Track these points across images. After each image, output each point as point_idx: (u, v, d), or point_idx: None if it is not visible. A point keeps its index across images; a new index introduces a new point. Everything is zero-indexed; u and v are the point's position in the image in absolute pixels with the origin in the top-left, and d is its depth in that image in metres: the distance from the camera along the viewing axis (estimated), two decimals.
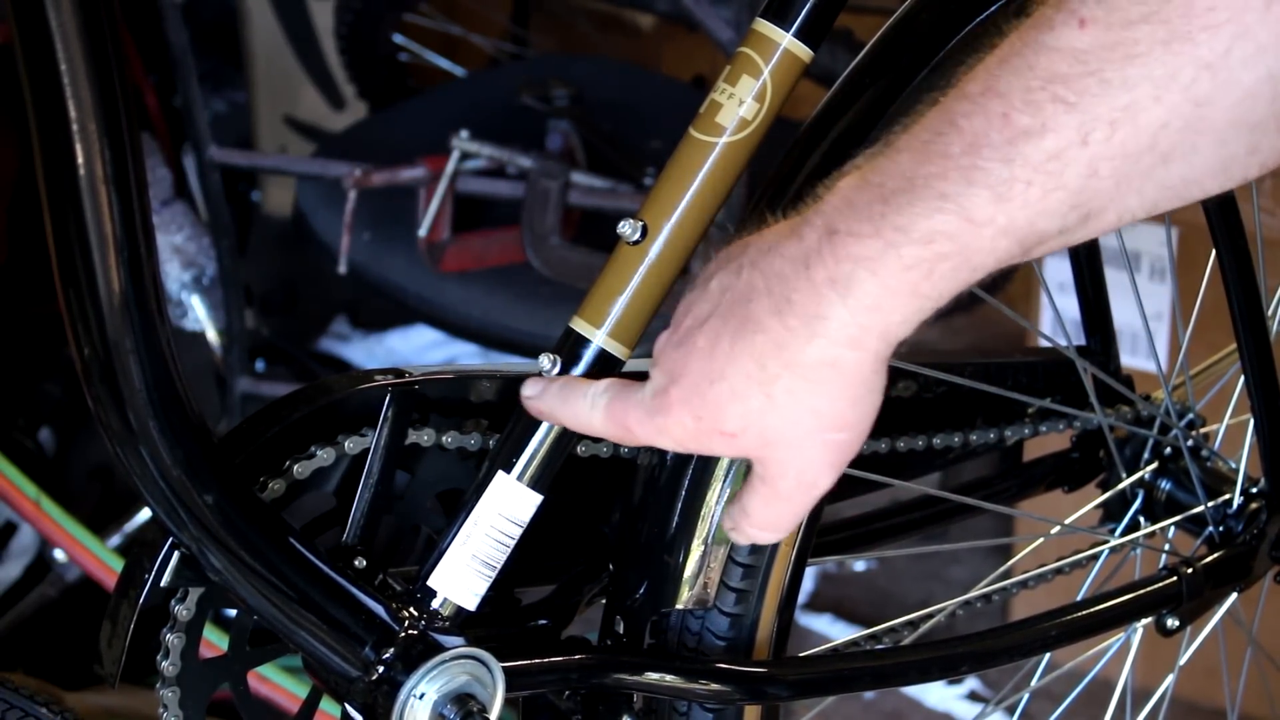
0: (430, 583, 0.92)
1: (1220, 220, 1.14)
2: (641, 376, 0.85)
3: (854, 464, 0.83)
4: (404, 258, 2.01)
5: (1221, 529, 1.20)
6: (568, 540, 1.00)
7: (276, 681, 1.62)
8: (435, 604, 0.92)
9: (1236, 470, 1.21)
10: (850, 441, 0.80)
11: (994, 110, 0.72)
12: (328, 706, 0.97)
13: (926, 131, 0.74)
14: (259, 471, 0.91)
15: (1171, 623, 1.14)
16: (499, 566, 0.92)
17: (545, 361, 0.90)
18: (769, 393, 0.78)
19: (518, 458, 0.91)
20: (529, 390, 0.90)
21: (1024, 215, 0.72)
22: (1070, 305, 1.24)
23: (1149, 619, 1.15)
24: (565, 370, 0.90)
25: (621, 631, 1.00)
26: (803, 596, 0.99)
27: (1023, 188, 0.72)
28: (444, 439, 0.95)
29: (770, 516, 0.84)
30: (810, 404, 0.78)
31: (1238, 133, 0.70)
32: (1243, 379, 1.18)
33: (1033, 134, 0.71)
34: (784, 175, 0.97)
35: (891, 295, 0.74)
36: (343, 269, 1.96)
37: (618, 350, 0.90)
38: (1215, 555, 1.17)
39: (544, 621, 0.98)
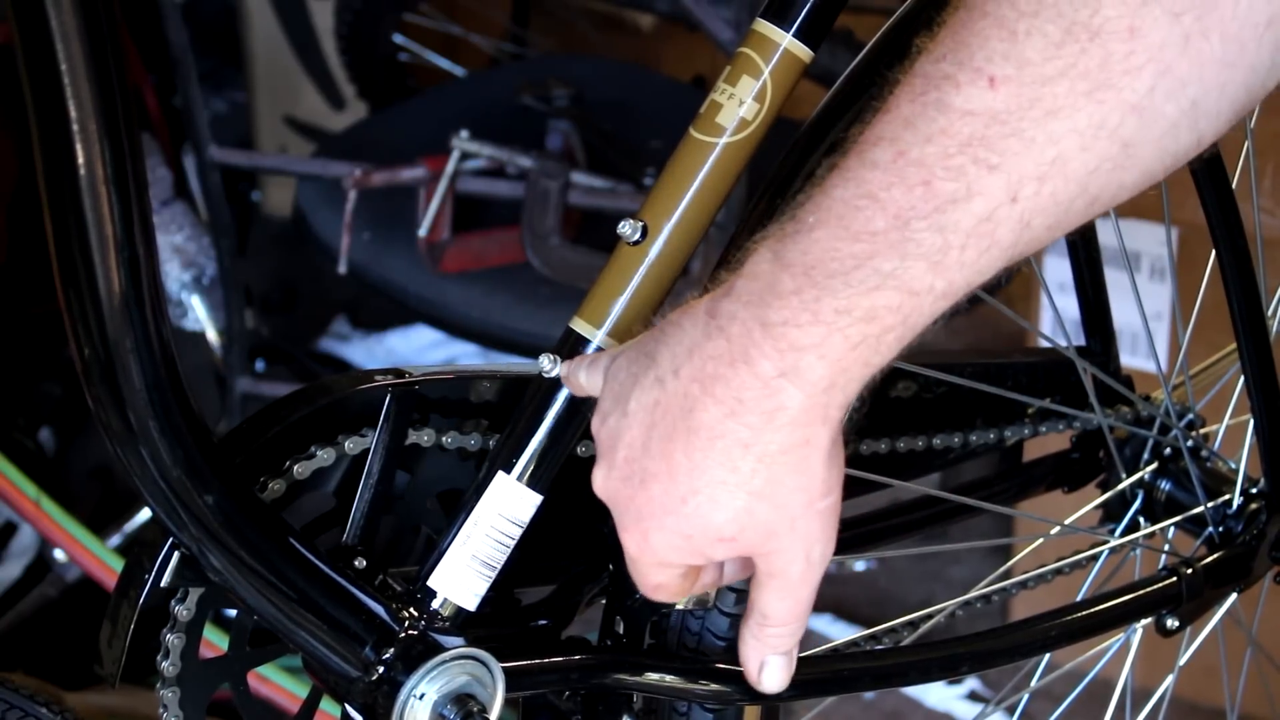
0: (430, 583, 0.92)
1: (1220, 220, 1.14)
2: None
3: (854, 464, 0.83)
4: (404, 258, 2.01)
5: (1221, 529, 1.20)
6: (568, 540, 1.00)
7: (276, 681, 1.62)
8: (435, 604, 0.92)
9: (1236, 471, 1.21)
10: (837, 501, 0.79)
11: (913, 179, 0.70)
12: (328, 706, 0.97)
13: (840, 205, 0.71)
14: (259, 471, 0.91)
15: (1171, 623, 1.14)
16: (499, 567, 0.92)
17: (545, 362, 0.90)
18: (751, 489, 0.76)
19: (518, 458, 0.91)
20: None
21: (961, 277, 0.71)
22: (1070, 305, 1.24)
23: (1149, 619, 1.15)
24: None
25: (621, 632, 1.00)
26: None
27: (957, 253, 0.70)
28: (444, 439, 0.95)
29: (792, 608, 0.82)
30: (794, 484, 0.76)
31: (1161, 157, 0.70)
32: (1243, 379, 1.18)
33: (959, 200, 0.69)
34: (784, 175, 0.97)
35: (844, 372, 0.73)
36: (343, 269, 1.96)
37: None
38: (1215, 556, 1.17)
39: (544, 621, 0.98)
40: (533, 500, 0.91)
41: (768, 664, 0.85)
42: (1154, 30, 0.66)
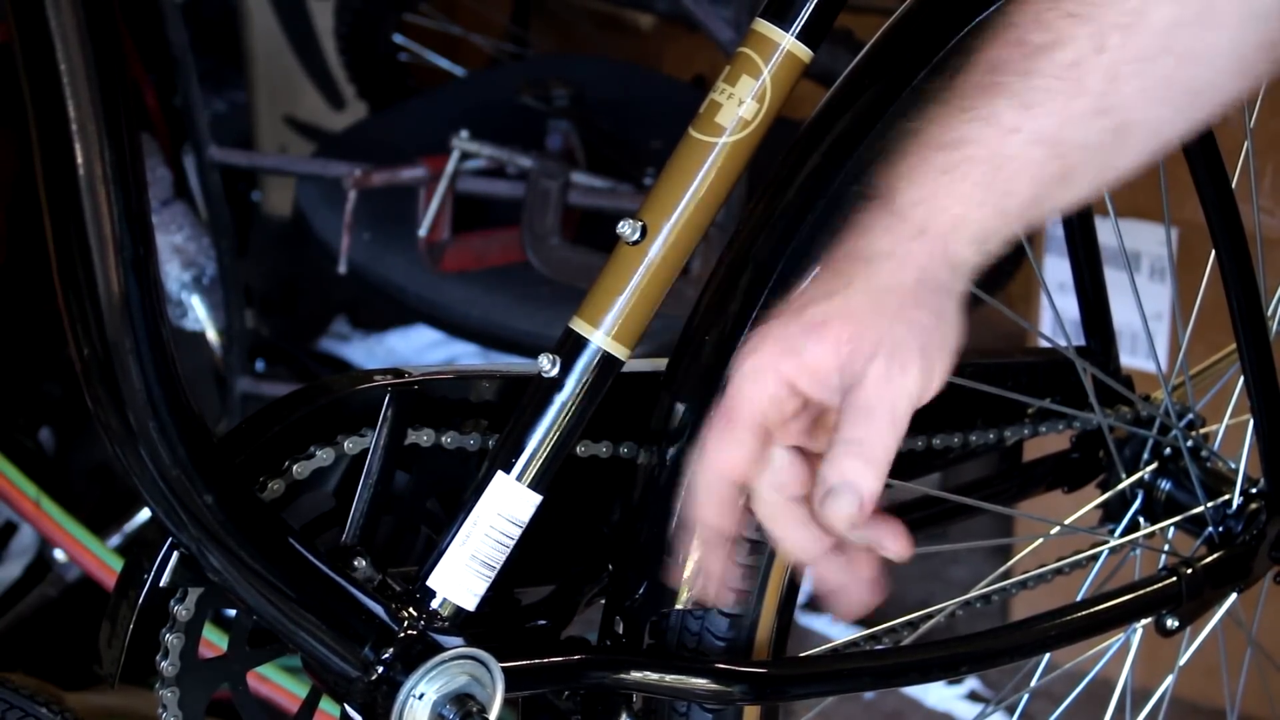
0: (430, 583, 0.92)
1: (1220, 220, 1.14)
2: (643, 376, 0.84)
3: None
4: (404, 258, 2.01)
5: (1221, 529, 1.20)
6: (567, 540, 1.00)
7: (276, 681, 1.62)
8: (435, 604, 0.92)
9: (1236, 470, 1.21)
10: (952, 361, 0.81)
11: (1009, 38, 0.76)
12: (327, 706, 0.97)
13: (955, 73, 0.78)
14: (259, 471, 0.91)
15: (1171, 623, 1.14)
16: (498, 566, 0.92)
17: (545, 361, 0.90)
18: (910, 319, 0.78)
19: (517, 458, 0.91)
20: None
21: (1050, 122, 0.75)
22: (1070, 305, 1.24)
23: (1149, 619, 1.15)
24: (565, 370, 0.90)
25: (621, 632, 1.00)
26: (802, 596, 1.00)
27: (1044, 95, 0.75)
28: (443, 439, 0.95)
29: (889, 446, 0.79)
30: (933, 323, 0.79)
31: (1245, 24, 0.73)
32: (1242, 379, 1.18)
33: (1047, 48, 0.75)
34: (784, 175, 0.97)
35: (945, 206, 0.77)
36: (343, 269, 1.96)
37: (618, 350, 0.90)
38: (1215, 556, 1.17)
39: (543, 621, 0.98)
40: (532, 500, 0.91)
41: (839, 491, 0.78)
42: None
